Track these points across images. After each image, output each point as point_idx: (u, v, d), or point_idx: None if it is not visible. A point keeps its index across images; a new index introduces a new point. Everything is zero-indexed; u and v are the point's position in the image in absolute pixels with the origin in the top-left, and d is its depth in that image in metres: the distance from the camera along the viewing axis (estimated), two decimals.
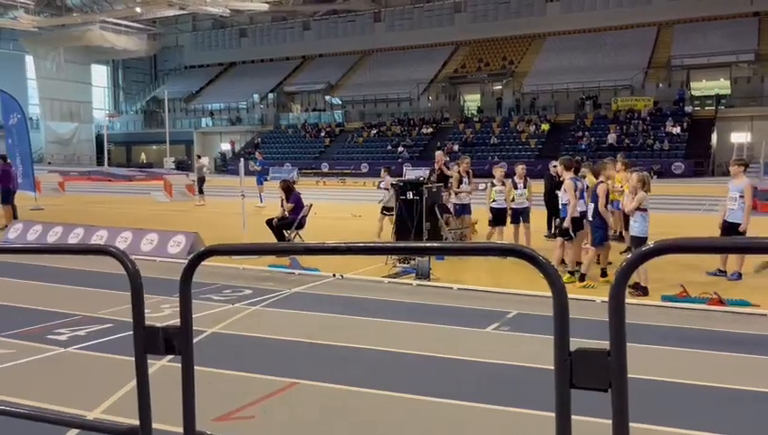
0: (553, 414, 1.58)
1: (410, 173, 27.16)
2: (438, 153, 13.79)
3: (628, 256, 1.58)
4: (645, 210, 8.16)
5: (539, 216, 12.44)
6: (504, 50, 48.68)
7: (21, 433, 3.45)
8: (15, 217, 15.09)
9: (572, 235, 8.97)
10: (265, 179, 22.91)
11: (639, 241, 8.04)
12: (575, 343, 1.58)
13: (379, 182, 15.05)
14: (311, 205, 12.07)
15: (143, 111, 60.09)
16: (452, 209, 11.88)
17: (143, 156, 57.73)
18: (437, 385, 4.99)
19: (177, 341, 2.04)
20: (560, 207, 9.46)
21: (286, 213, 11.62)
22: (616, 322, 1.50)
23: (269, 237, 11.37)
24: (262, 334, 6.50)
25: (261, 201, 20.12)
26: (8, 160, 17.07)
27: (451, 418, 4.41)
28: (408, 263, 9.88)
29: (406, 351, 5.91)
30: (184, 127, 54.31)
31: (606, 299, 1.47)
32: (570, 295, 1.60)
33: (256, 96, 53.86)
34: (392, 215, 11.50)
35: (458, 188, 11.88)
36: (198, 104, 56.41)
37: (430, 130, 43.87)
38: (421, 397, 4.70)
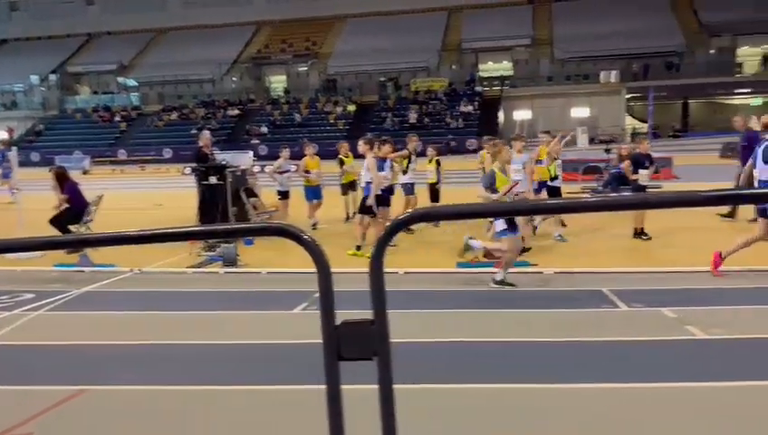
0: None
1: (219, 157, 26.10)
2: (205, 133, 12.83)
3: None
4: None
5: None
6: (307, 31, 48.66)
7: None
8: None
9: (375, 211, 9.29)
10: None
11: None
12: (355, 314, 1.57)
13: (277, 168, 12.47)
14: (101, 196, 10.88)
15: None
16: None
17: None
18: (244, 373, 4.87)
19: None
20: (362, 185, 9.73)
21: (63, 205, 10.14)
22: (376, 289, 1.52)
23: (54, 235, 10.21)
24: (45, 341, 5.83)
25: (11, 195, 17.10)
26: None
27: (252, 403, 4.33)
28: (215, 250, 9.53)
29: (212, 342, 5.68)
30: None
31: (394, 271, 1.49)
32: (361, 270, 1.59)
33: (35, 78, 47.92)
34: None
35: (407, 166, 11.80)
36: None
37: (236, 111, 42.58)
38: (229, 387, 4.55)
